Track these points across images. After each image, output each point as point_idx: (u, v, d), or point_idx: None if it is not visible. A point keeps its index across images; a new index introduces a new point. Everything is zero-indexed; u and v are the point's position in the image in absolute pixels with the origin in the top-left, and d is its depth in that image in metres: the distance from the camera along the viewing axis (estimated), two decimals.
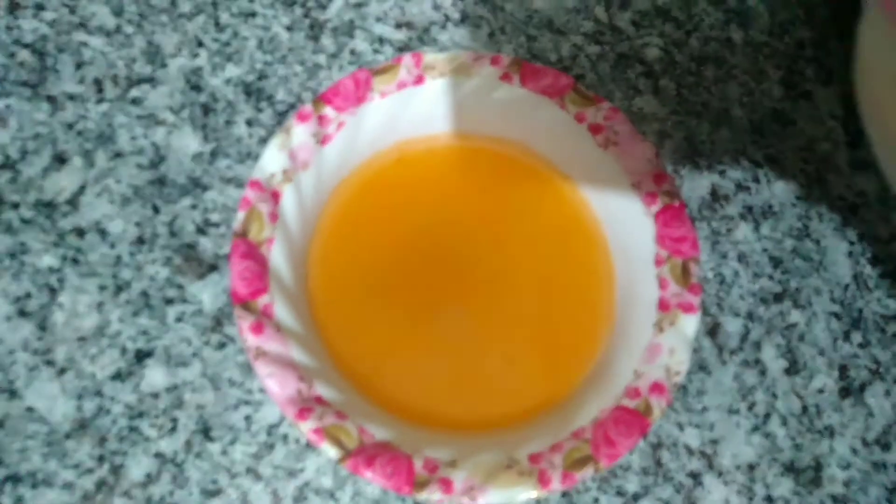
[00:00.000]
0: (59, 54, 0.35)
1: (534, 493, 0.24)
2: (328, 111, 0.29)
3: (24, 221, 0.32)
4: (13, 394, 0.29)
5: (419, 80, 0.30)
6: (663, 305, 0.28)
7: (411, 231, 0.30)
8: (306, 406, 0.24)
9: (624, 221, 0.30)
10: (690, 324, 0.27)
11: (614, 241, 0.30)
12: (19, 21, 0.35)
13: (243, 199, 0.27)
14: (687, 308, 0.28)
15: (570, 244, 0.31)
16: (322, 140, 0.29)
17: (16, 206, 0.32)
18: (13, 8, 0.35)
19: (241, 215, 0.26)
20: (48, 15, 0.35)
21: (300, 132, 0.28)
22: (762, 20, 0.42)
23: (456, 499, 0.24)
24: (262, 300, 0.26)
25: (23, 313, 0.30)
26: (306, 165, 0.28)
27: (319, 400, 0.25)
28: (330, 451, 0.24)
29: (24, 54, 0.34)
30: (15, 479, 0.28)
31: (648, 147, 0.30)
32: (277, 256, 0.27)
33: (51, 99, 0.34)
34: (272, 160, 0.27)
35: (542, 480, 0.24)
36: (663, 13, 0.41)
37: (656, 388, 0.26)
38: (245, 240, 0.26)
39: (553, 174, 0.32)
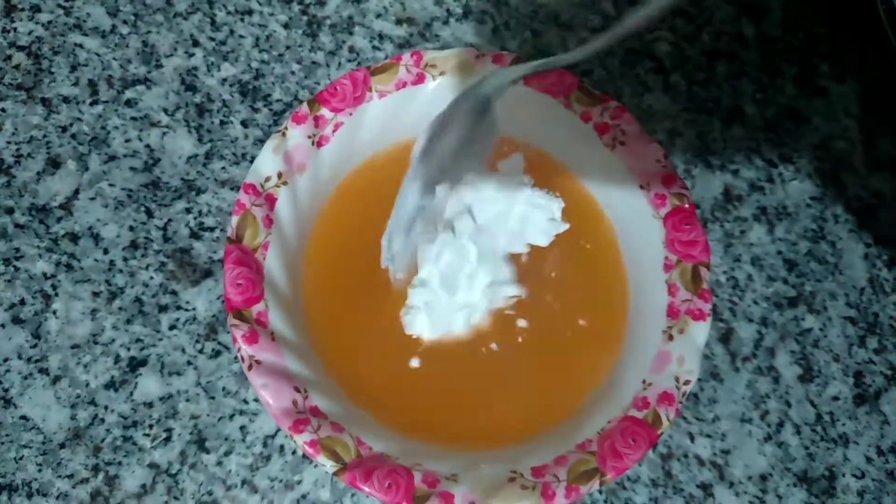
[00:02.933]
0: (55, 56, 0.34)
1: None
2: (325, 112, 0.28)
3: (19, 227, 0.31)
4: (7, 402, 0.29)
5: (420, 79, 0.29)
6: (673, 312, 0.27)
7: None
8: (301, 418, 0.24)
9: (632, 224, 0.29)
10: (701, 332, 0.26)
11: (623, 245, 0.29)
12: (15, 23, 0.34)
13: (237, 203, 0.26)
14: (697, 315, 0.26)
15: (578, 247, 0.30)
16: (318, 142, 0.28)
17: (10, 211, 0.31)
18: (9, 10, 0.34)
19: (234, 220, 0.26)
20: (44, 17, 0.35)
21: (296, 134, 0.27)
22: (775, 14, 0.40)
23: None
24: (257, 308, 0.25)
25: (17, 320, 0.30)
26: (302, 168, 0.27)
27: (315, 411, 0.24)
28: (326, 465, 0.23)
29: (20, 57, 0.34)
30: (10, 488, 0.27)
31: (657, 148, 0.29)
32: (272, 262, 0.26)
33: (45, 101, 0.33)
34: (267, 163, 0.26)
35: (546, 494, 0.23)
36: (674, 7, 0.39)
37: (665, 398, 0.25)
38: (239, 245, 0.25)
39: (559, 173, 0.31)
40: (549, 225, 0.28)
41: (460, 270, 0.27)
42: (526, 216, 0.28)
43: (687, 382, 0.26)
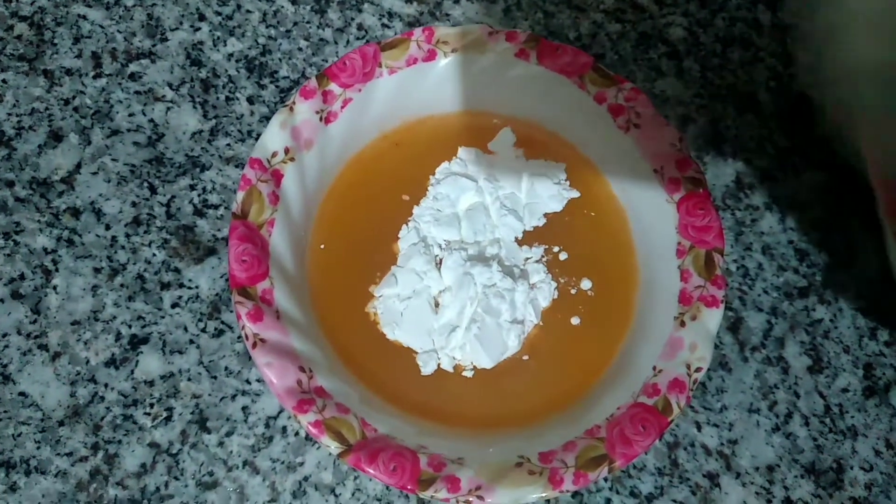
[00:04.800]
0: (57, 28, 0.33)
1: (544, 494, 0.23)
2: (333, 87, 0.27)
3: (19, 200, 0.30)
4: (6, 378, 0.28)
5: (431, 55, 0.28)
6: (685, 298, 0.26)
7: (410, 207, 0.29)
8: (306, 398, 0.23)
9: (645, 208, 0.28)
10: (713, 318, 0.26)
11: (636, 229, 0.29)
12: None
13: (243, 178, 0.25)
14: (710, 302, 0.26)
15: (589, 229, 0.29)
16: (327, 118, 0.27)
17: (10, 184, 0.31)
18: None
19: (240, 195, 0.25)
20: None
21: (304, 109, 0.26)
22: (791, 1, 0.39)
23: (462, 498, 0.22)
24: (262, 286, 0.24)
25: (16, 295, 0.29)
26: (310, 144, 0.27)
27: (320, 391, 0.24)
28: (330, 446, 0.23)
29: (22, 27, 0.33)
30: (8, 465, 0.27)
31: (672, 131, 0.28)
32: (278, 239, 0.25)
33: (48, 73, 0.32)
34: (274, 138, 0.26)
35: (554, 480, 0.23)
36: None
37: (676, 385, 0.25)
38: (244, 221, 0.25)
39: (571, 156, 0.30)
40: (557, 189, 0.28)
41: (496, 289, 0.27)
42: (534, 187, 0.28)
43: (699, 370, 0.25)
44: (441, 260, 0.27)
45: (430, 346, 0.26)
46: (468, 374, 0.26)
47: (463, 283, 0.27)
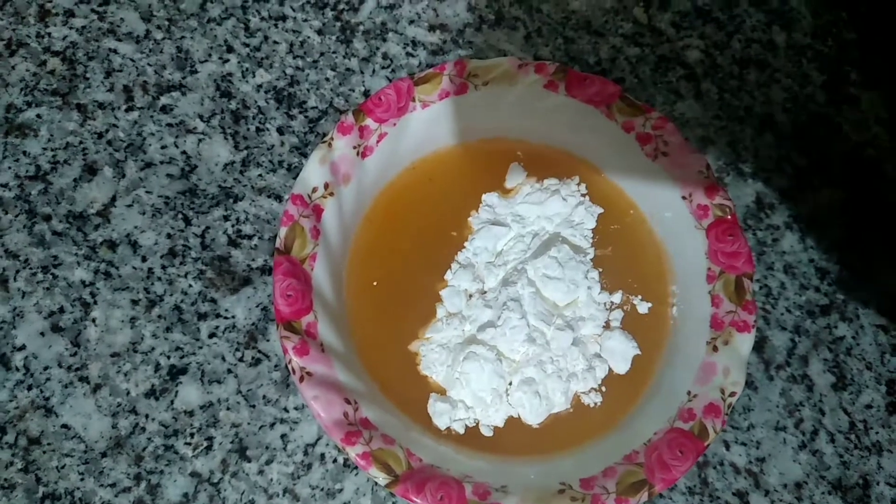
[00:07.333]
0: (89, 62, 0.34)
1: None
2: (369, 122, 0.28)
3: (56, 234, 0.31)
4: (49, 411, 0.29)
5: (462, 88, 0.29)
6: (716, 323, 0.27)
7: (454, 242, 0.29)
8: (353, 430, 0.24)
9: (674, 235, 0.29)
10: (745, 343, 0.26)
11: (666, 255, 0.29)
12: (49, 28, 0.34)
13: (285, 214, 0.26)
14: (741, 327, 0.27)
15: (621, 255, 0.30)
16: (363, 153, 0.28)
17: (47, 218, 0.31)
18: (43, 16, 0.34)
19: (283, 231, 0.26)
20: (78, 21, 0.34)
21: (341, 145, 0.27)
22: (805, 22, 0.40)
23: None
24: (306, 319, 0.25)
25: (56, 328, 0.30)
26: (347, 179, 0.27)
27: (366, 422, 0.24)
28: (378, 477, 0.23)
29: (55, 62, 0.34)
30: (53, 497, 0.27)
31: (699, 158, 0.29)
32: (320, 273, 0.26)
33: (81, 107, 0.33)
34: (314, 174, 0.26)
35: None
36: (704, 14, 0.39)
37: (711, 409, 0.26)
38: (287, 256, 0.25)
39: (599, 182, 0.31)
40: (582, 202, 0.29)
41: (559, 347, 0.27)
42: (565, 212, 0.29)
43: (733, 394, 0.26)
44: (494, 313, 0.28)
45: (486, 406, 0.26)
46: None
47: (517, 339, 0.27)
